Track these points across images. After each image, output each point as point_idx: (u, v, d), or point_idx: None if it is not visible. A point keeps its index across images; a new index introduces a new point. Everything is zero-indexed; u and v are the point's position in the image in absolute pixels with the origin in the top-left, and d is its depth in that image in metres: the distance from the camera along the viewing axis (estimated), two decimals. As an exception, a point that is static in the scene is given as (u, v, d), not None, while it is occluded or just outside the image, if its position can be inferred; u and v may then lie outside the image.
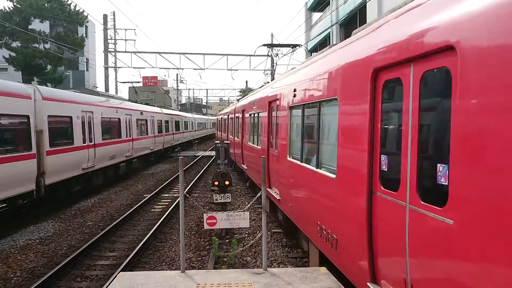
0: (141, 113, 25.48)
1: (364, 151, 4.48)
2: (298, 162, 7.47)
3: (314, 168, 6.47)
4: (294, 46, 19.62)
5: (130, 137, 22.34)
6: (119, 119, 20.69)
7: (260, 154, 11.41)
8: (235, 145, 20.13)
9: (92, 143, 16.91)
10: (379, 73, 4.32)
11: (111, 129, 19.70)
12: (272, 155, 10.36)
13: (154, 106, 34.09)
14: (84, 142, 16.06)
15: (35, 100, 12.72)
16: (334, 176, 5.50)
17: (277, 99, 9.69)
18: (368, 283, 4.42)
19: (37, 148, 12.55)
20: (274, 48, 24.61)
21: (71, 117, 15.16)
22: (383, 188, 4.19)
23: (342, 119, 5.20)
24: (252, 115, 14.37)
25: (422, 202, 3.52)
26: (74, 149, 15.17)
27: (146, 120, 26.42)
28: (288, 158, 8.33)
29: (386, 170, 4.20)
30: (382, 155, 4.26)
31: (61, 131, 14.56)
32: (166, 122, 32.88)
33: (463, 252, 2.92)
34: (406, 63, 3.82)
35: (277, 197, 9.36)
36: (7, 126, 11.57)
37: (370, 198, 4.40)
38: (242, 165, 17.68)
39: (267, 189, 9.78)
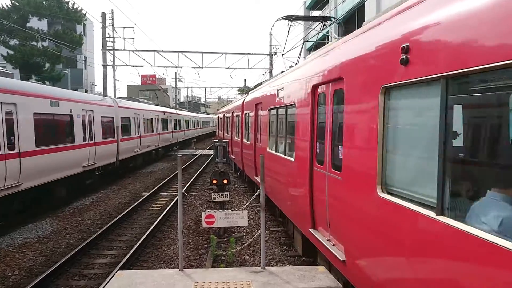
0: (164, 114, 32.84)
1: None
2: (429, 214, 3.24)
3: None
4: (324, 19, 14.37)
5: (158, 131, 29.98)
6: (152, 118, 28.52)
7: (296, 170, 7.47)
8: (243, 149, 16.34)
9: (139, 135, 24.65)
10: None
11: (148, 125, 27.52)
12: (320, 175, 6.16)
13: (172, 107, 45.24)
14: (135, 134, 23.89)
15: (114, 107, 20.66)
16: None
17: (339, 78, 5.36)
18: None
19: (116, 137, 20.26)
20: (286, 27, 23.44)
21: (129, 118, 22.99)
22: None
23: None
24: (276, 111, 9.86)
25: None
26: (131, 139, 23.13)
27: (167, 120, 34.00)
28: (381, 194, 4.04)
29: None
30: None
31: (125, 127, 22.21)
32: (180, 121, 40.90)
33: None
34: None
35: (340, 255, 5.15)
36: (107, 123, 19.48)
37: None
38: (256, 177, 13.10)
39: (310, 229, 6.58)
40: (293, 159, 7.75)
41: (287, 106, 8.60)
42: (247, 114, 15.64)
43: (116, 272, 6.67)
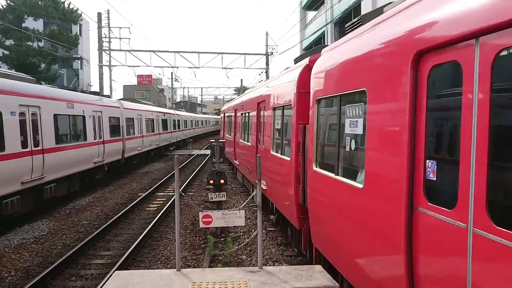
0: (191, 117, 51.88)
1: None
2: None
3: None
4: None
5: (189, 127, 49.45)
6: (186, 120, 47.15)
7: None
8: (313, 186, 6.80)
9: (182, 129, 43.27)
10: None
11: (186, 124, 47.21)
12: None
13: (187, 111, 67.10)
14: (183, 128, 43.63)
15: (175, 114, 39.89)
16: None
17: None
18: None
19: (178, 129, 40.88)
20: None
21: (179, 120, 41.58)
22: None
23: None
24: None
25: None
26: (183, 130, 43.97)
27: (193, 120, 53.95)
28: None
29: None
30: None
31: (179, 125, 40.58)
32: (197, 121, 60.52)
33: None
34: None
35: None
36: (175, 122, 39.32)
37: None
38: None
39: None
40: None
41: None
42: (326, 104, 6.43)
43: (113, 272, 6.66)
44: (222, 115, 28.17)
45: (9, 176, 11.09)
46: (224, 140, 19.58)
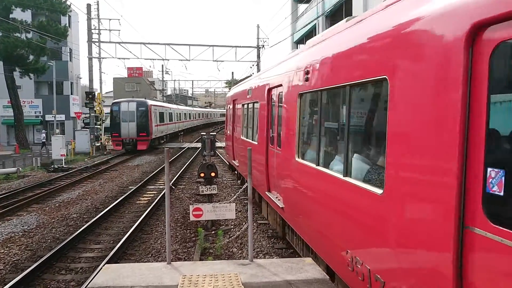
0: (202, 111, 78.34)
1: None
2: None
3: None
4: None
5: (201, 118, 73.76)
6: (200, 113, 74.81)
7: None
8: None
9: (196, 119, 68.81)
10: None
11: (199, 116, 73.09)
12: None
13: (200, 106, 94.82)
14: (198, 118, 72.16)
15: (197, 109, 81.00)
16: None
17: None
18: None
19: (197, 119, 75.41)
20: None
21: (198, 113, 74.47)
22: None
23: None
24: None
25: None
26: (199, 120, 76.28)
27: (200, 113, 73.10)
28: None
29: None
30: None
31: (197, 116, 72.50)
32: (205, 114, 79.56)
33: None
34: None
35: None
36: (199, 115, 77.02)
37: None
38: None
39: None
40: None
41: None
42: None
43: (103, 265, 6.63)
44: (229, 105, 17.42)
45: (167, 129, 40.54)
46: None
